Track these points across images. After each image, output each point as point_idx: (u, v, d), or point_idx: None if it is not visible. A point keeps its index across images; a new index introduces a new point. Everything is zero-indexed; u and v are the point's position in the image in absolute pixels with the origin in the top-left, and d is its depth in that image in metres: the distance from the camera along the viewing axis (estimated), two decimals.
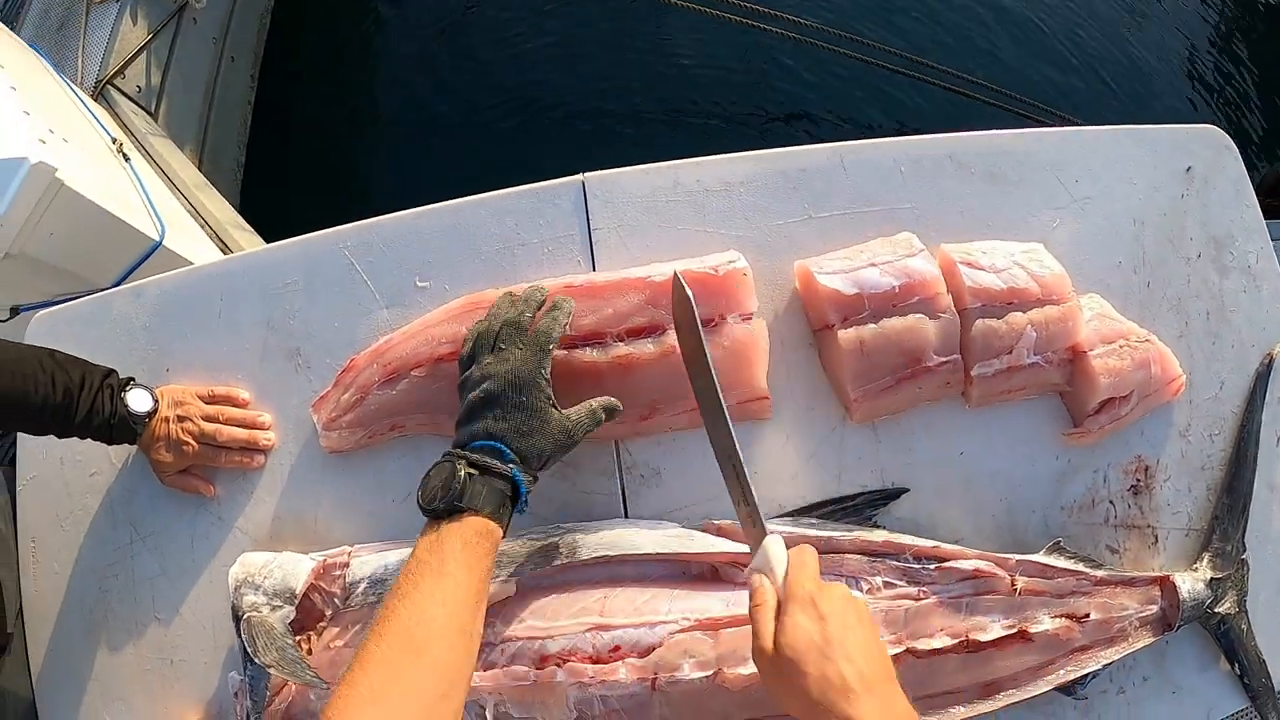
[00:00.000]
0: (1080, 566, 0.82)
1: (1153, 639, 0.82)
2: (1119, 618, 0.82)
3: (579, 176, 0.86)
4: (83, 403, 0.82)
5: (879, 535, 0.78)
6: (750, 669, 0.72)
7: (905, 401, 0.82)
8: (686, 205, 0.85)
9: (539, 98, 2.69)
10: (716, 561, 0.77)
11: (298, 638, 0.80)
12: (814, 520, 0.79)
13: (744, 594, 0.75)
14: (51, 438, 0.88)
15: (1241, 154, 0.96)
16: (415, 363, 0.81)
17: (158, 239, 1.47)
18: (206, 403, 0.89)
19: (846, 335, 0.78)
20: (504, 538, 0.68)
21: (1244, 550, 0.86)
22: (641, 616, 0.74)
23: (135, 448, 0.92)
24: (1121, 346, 0.85)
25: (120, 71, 1.90)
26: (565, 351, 0.77)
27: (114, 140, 1.62)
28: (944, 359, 0.80)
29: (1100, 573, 0.83)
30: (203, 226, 1.74)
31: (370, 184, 2.66)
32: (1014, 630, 0.78)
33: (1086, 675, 0.81)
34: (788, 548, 0.64)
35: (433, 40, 2.82)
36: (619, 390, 0.75)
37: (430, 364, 0.81)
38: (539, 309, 0.75)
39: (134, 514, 0.92)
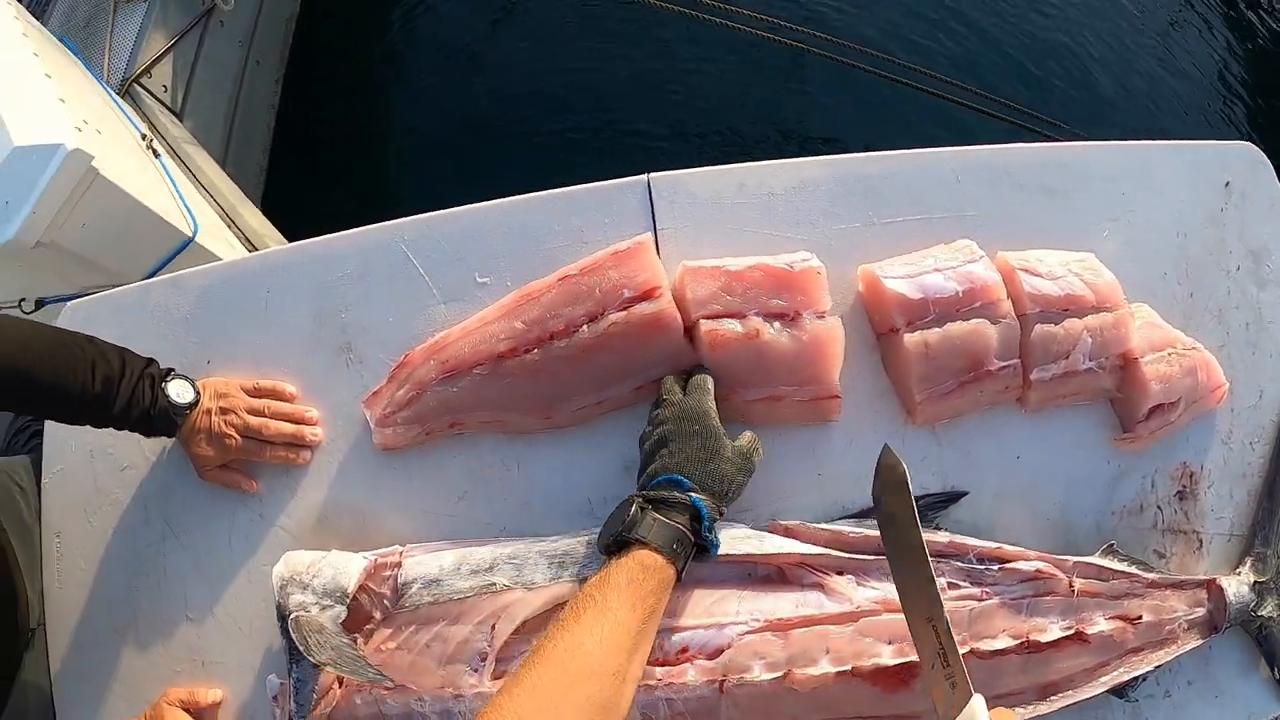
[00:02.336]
0: (1133, 569, 0.86)
1: (1200, 641, 0.86)
2: (1169, 619, 0.86)
3: (644, 176, 0.88)
4: (122, 392, 0.81)
5: (943, 537, 0.81)
6: (820, 670, 0.75)
7: (966, 405, 0.85)
8: (752, 207, 0.88)
9: (562, 109, 2.73)
10: (785, 563, 0.79)
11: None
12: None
13: (813, 595, 0.78)
14: (81, 429, 0.88)
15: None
16: (475, 361, 0.82)
17: (190, 235, 1.46)
18: (251, 395, 0.89)
19: (912, 338, 0.81)
20: (679, 581, 0.68)
21: None
22: (711, 617, 0.75)
23: (172, 441, 0.92)
24: (1170, 354, 0.89)
25: (147, 70, 1.92)
26: (567, 340, 0.79)
27: (143, 136, 1.62)
28: (1005, 363, 0.84)
29: (1151, 575, 0.86)
30: (229, 226, 1.73)
31: (391, 190, 2.69)
32: (1071, 631, 0.81)
33: (1137, 678, 0.85)
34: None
35: (459, 49, 2.86)
36: (619, 359, 0.78)
37: (491, 361, 0.82)
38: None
39: (168, 510, 0.91)
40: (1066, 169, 0.96)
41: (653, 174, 0.88)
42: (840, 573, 0.78)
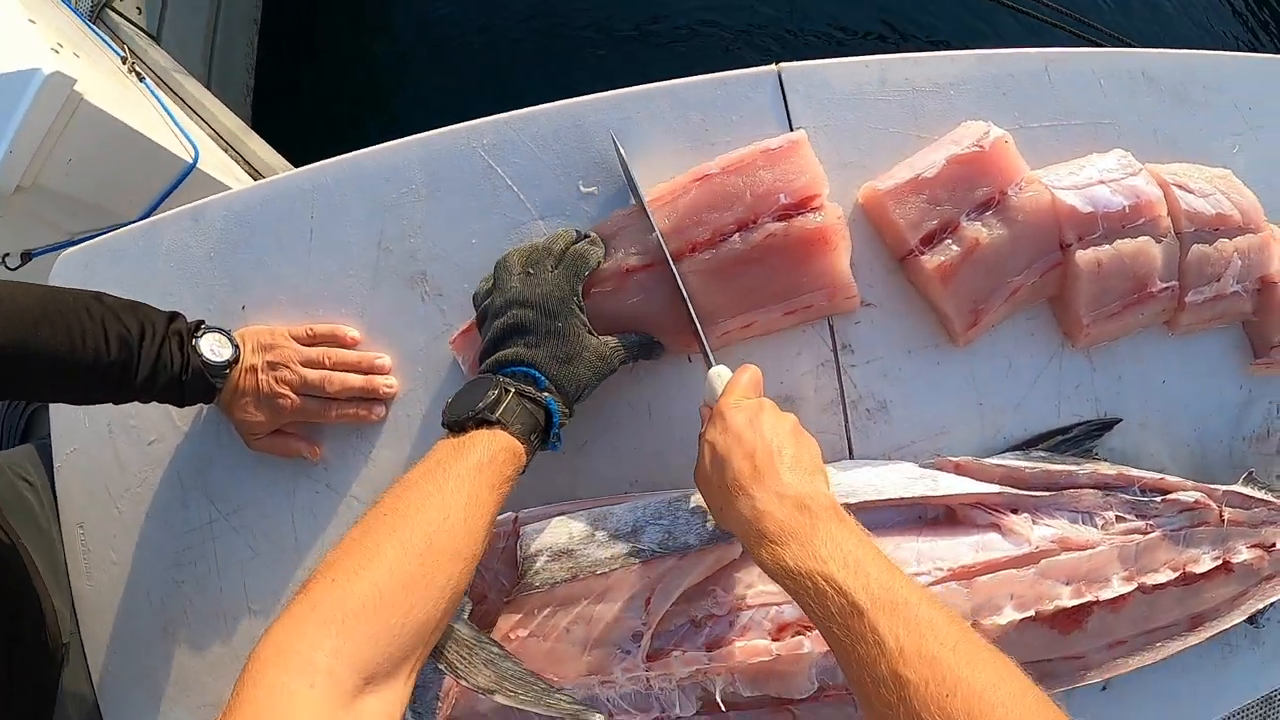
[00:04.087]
0: (1270, 497, 0.85)
1: None
2: None
3: (773, 67, 0.76)
4: (145, 357, 0.66)
5: (1111, 468, 0.77)
6: (1005, 618, 0.70)
7: (1124, 328, 0.80)
8: (896, 105, 0.78)
9: (562, 17, 2.48)
10: (958, 503, 0.73)
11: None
12: (1043, 454, 0.77)
13: (992, 536, 0.72)
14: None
15: None
16: (595, 279, 0.70)
17: (191, 161, 1.22)
18: (305, 344, 0.74)
19: (1085, 257, 0.75)
20: (525, 471, 0.62)
21: None
22: None
23: (206, 406, 0.76)
24: None
25: None
26: (713, 252, 0.69)
27: (123, 59, 1.35)
28: (1165, 285, 0.79)
29: (1271, 496, 0.86)
30: (226, 150, 1.48)
31: (388, 105, 2.41)
32: (1220, 561, 0.80)
33: (1270, 605, 0.85)
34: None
35: None
36: (771, 276, 0.70)
37: (616, 277, 0.70)
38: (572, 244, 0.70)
39: (211, 488, 0.76)
40: (1200, 76, 0.90)
41: (783, 65, 0.76)
42: (1015, 510, 0.73)
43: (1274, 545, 0.83)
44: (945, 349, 0.77)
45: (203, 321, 0.71)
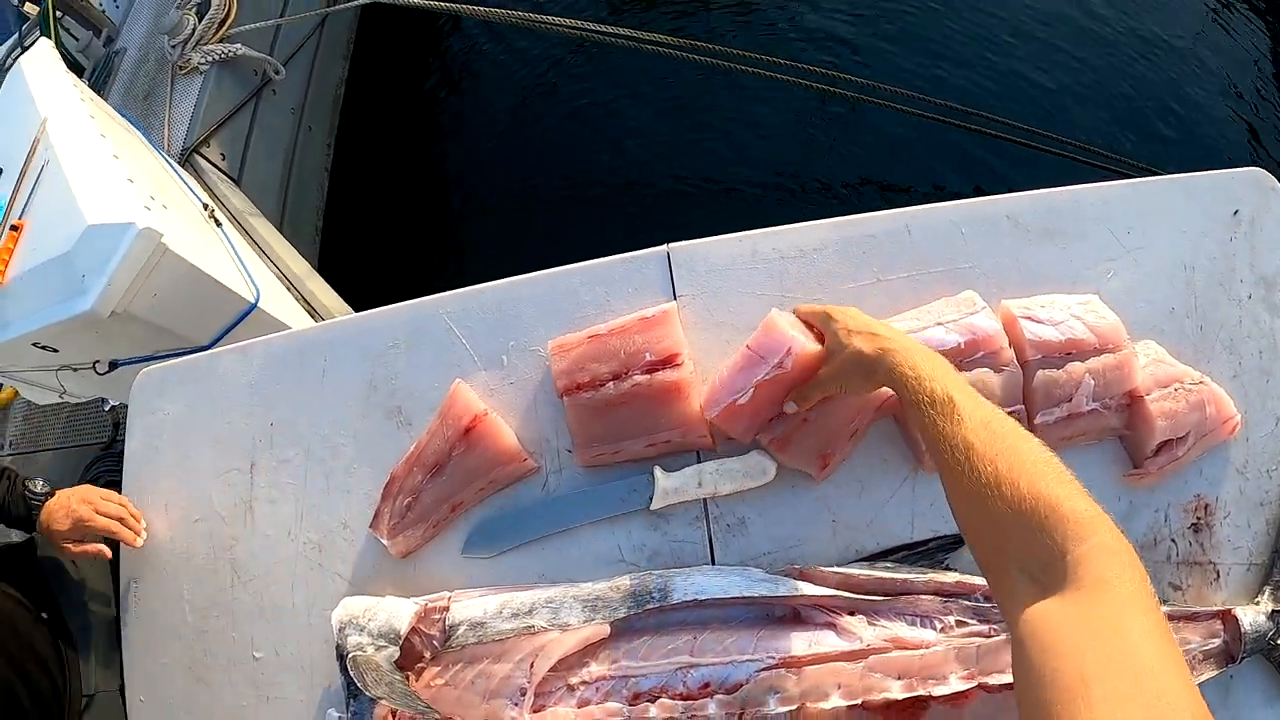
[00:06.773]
0: None
1: (1216, 671, 0.92)
2: (1183, 651, 0.92)
3: (664, 247, 1.00)
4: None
5: (951, 577, 0.90)
6: (831, 704, 0.84)
7: None
8: (765, 273, 0.98)
9: (608, 171, 2.97)
10: (799, 604, 0.89)
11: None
12: (889, 564, 0.91)
13: (826, 634, 0.87)
14: (160, 479, 1.03)
15: None
16: (450, 446, 0.96)
17: (253, 301, 1.64)
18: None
19: None
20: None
21: None
22: (729, 655, 0.86)
23: (239, 497, 1.07)
24: (1177, 390, 0.96)
25: (205, 140, 2.13)
26: (593, 392, 0.92)
27: (205, 206, 1.82)
28: (1008, 410, 0.92)
29: (1164, 609, 0.93)
30: (289, 289, 1.92)
31: (439, 246, 2.94)
32: None
33: None
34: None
35: (505, 113, 3.10)
36: (638, 416, 0.91)
37: (458, 438, 0.95)
38: None
39: (236, 559, 1.05)
40: (1068, 212, 1.03)
41: (671, 245, 1.00)
42: (852, 613, 0.88)
43: None
44: (801, 478, 0.94)
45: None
